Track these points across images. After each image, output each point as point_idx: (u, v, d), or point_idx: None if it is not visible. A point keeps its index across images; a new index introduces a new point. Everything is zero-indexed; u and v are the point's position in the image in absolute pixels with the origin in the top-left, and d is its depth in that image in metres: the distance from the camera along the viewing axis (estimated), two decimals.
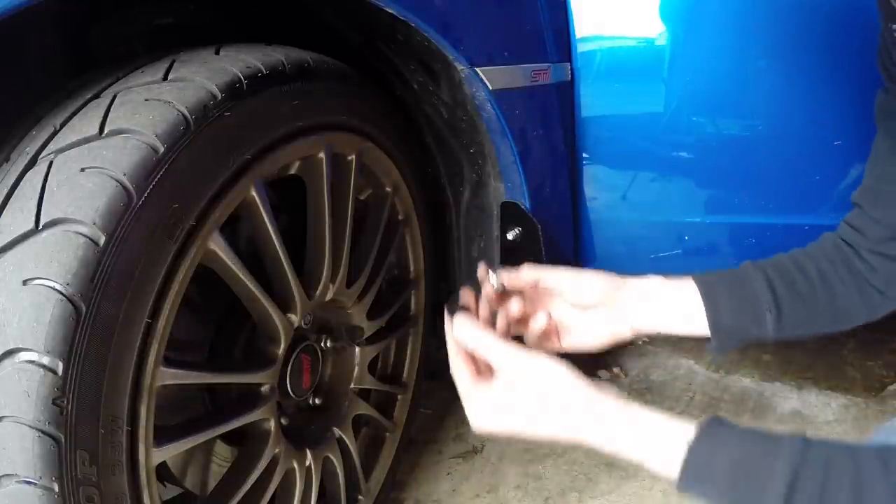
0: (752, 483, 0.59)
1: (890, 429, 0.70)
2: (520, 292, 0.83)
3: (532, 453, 1.44)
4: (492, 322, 0.80)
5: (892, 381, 1.64)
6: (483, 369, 0.73)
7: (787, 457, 0.58)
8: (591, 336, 0.83)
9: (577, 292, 0.81)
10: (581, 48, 1.22)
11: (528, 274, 0.82)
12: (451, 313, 0.75)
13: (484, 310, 0.80)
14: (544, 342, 0.84)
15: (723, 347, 0.81)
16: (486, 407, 0.70)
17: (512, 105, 1.07)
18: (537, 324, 0.82)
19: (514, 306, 0.81)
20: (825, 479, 0.57)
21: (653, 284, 0.82)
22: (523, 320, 0.83)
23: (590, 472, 1.37)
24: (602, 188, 1.32)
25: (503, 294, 0.82)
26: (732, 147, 1.25)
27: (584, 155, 1.29)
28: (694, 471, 0.61)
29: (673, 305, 0.81)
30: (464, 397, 0.72)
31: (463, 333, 0.72)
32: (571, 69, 1.23)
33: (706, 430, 0.63)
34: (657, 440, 0.64)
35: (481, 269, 0.82)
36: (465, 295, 0.80)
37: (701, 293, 0.80)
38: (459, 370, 0.73)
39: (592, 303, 0.81)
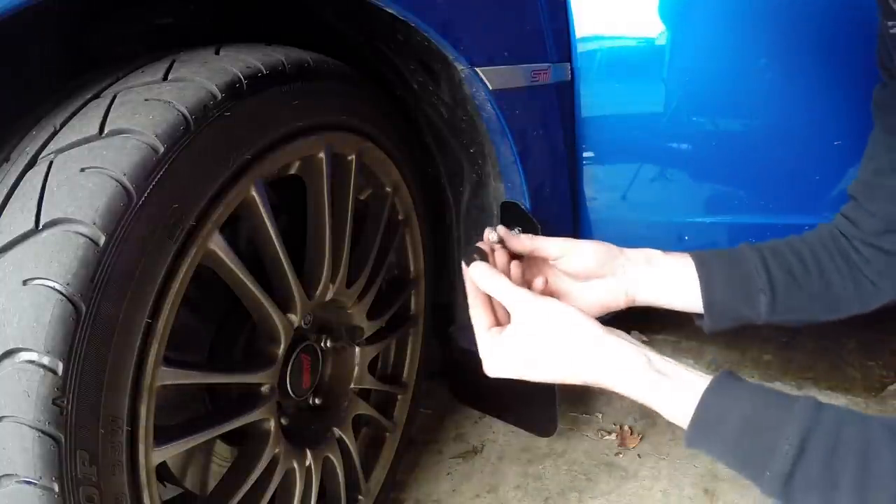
0: (762, 440, 0.59)
1: None
2: (520, 258, 0.85)
3: (532, 453, 1.44)
4: (507, 273, 0.82)
5: (892, 381, 1.64)
6: (502, 321, 0.76)
7: (799, 417, 0.58)
8: (586, 304, 0.84)
9: (570, 261, 0.82)
10: (581, 48, 1.22)
11: (526, 241, 0.83)
12: (468, 263, 0.77)
13: (500, 257, 0.82)
14: None
15: (715, 325, 0.82)
16: (499, 351, 0.72)
17: (512, 105, 1.07)
18: (534, 288, 0.83)
19: (514, 270, 0.83)
20: (836, 443, 0.57)
21: (650, 255, 0.83)
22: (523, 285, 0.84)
23: (590, 472, 1.37)
24: (602, 188, 1.32)
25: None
26: (732, 147, 1.25)
27: (584, 155, 1.29)
28: (704, 423, 0.61)
29: (669, 277, 0.82)
30: (479, 342, 0.74)
31: (479, 274, 0.75)
32: (571, 69, 1.23)
33: (719, 383, 0.62)
34: (670, 389, 0.64)
35: (486, 234, 0.83)
36: (482, 245, 0.82)
37: (697, 267, 0.81)
38: (477, 316, 0.75)
39: (586, 271, 0.82)
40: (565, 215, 1.30)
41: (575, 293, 0.85)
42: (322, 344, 1.04)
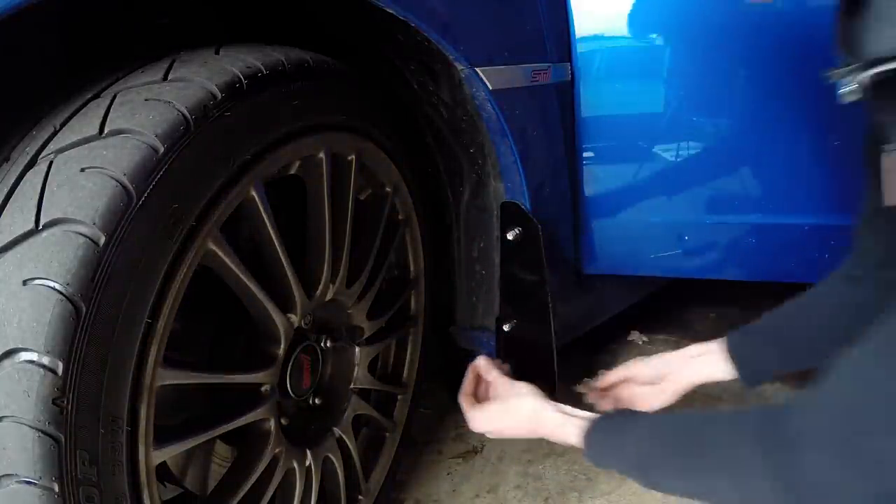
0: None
1: None
2: None
3: (532, 453, 1.44)
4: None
5: None
6: (482, 395, 1.04)
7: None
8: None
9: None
10: (581, 48, 1.22)
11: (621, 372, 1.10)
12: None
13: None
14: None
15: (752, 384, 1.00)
16: (482, 416, 0.97)
17: (512, 105, 1.07)
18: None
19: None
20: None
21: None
22: None
23: (590, 472, 1.37)
24: (602, 188, 1.32)
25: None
26: (732, 147, 1.25)
27: (584, 155, 1.29)
28: (596, 442, 0.83)
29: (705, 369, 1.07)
30: (465, 408, 1.00)
31: (482, 364, 1.05)
32: (571, 69, 1.23)
33: (602, 417, 0.87)
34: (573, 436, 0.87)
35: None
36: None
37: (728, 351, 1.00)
38: (464, 393, 1.04)
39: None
40: (565, 215, 1.30)
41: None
42: (322, 344, 1.04)
